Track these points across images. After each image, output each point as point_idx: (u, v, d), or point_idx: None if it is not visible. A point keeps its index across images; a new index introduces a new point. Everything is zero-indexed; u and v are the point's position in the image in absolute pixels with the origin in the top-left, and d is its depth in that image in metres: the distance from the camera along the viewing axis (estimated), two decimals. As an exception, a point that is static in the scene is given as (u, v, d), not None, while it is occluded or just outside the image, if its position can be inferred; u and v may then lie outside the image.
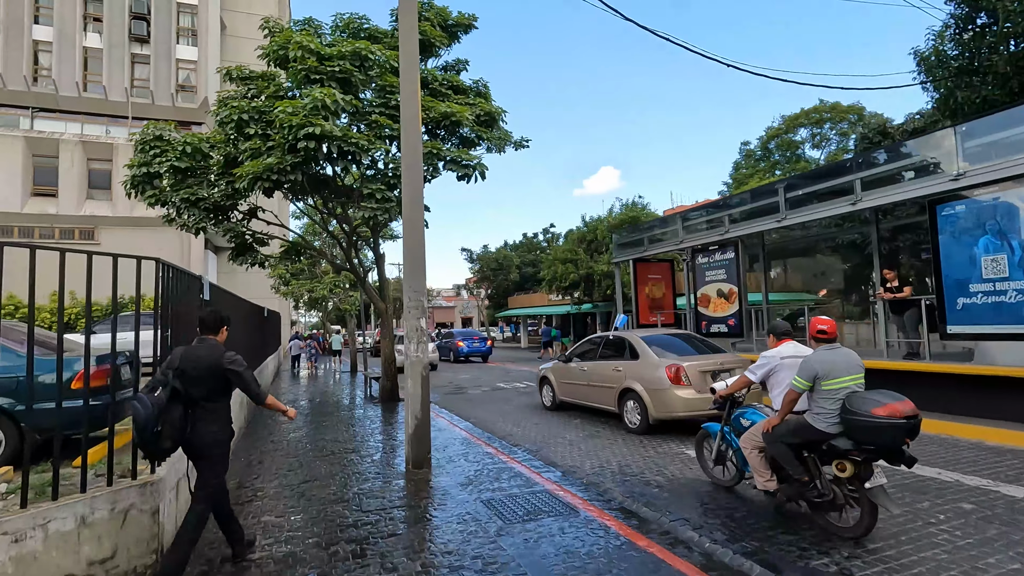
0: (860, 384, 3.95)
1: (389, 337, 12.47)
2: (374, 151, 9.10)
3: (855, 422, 3.71)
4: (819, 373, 3.91)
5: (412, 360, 6.30)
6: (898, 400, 3.67)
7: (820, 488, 4.06)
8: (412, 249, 6.39)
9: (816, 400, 3.98)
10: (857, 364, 4.01)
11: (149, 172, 10.10)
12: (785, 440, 4.13)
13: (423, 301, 6.41)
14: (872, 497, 3.78)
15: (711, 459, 5.33)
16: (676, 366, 7.59)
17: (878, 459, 3.75)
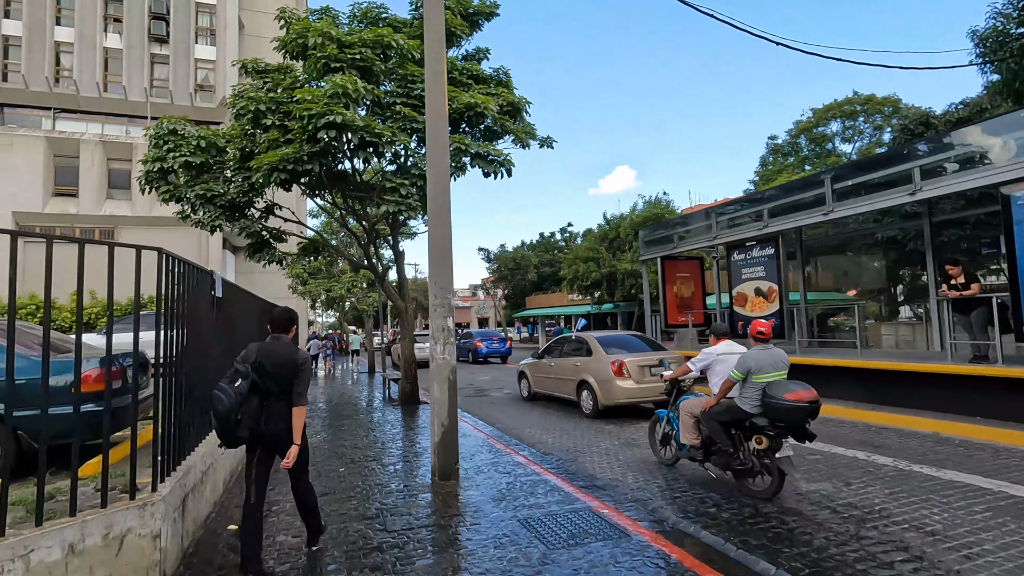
0: (783, 378, 4.85)
1: (409, 337, 12.03)
2: (397, 143, 8.66)
3: (772, 404, 4.68)
4: (752, 368, 4.86)
5: (438, 363, 5.82)
6: (804, 388, 4.64)
7: (742, 459, 5.07)
8: (438, 242, 5.91)
9: (745, 388, 4.96)
10: (783, 362, 4.95)
11: (163, 167, 9.78)
12: (718, 419, 5.17)
13: (450, 299, 5.93)
14: (780, 465, 4.77)
15: (658, 440, 6.30)
16: (619, 361, 8.96)
17: (787, 435, 4.73)
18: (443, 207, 5.94)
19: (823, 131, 28.58)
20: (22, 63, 26.48)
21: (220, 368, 5.79)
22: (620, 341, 9.94)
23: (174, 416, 3.90)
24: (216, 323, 5.49)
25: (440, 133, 5.95)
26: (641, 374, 8.90)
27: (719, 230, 11.98)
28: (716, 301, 15.19)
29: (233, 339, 6.62)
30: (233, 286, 6.60)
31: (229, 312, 6.23)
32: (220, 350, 5.76)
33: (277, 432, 3.52)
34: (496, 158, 9.50)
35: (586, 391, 9.47)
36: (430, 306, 5.94)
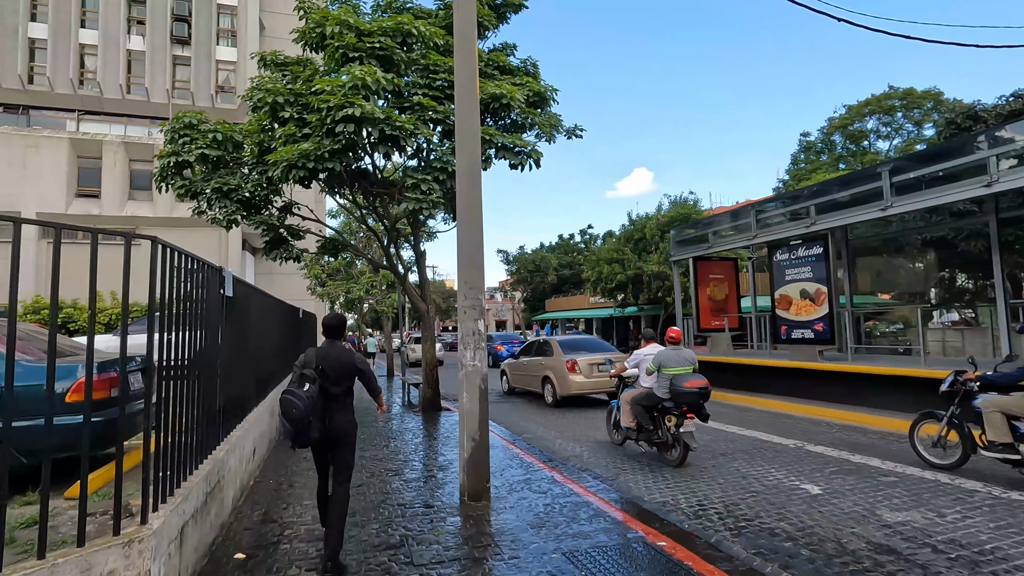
0: (687, 371, 6.35)
1: (430, 340, 11.54)
2: (419, 136, 8.16)
3: (676, 391, 6.21)
4: (662, 363, 6.43)
5: (468, 370, 5.27)
6: (699, 379, 6.20)
7: (660, 435, 6.54)
8: (468, 239, 5.38)
9: (659, 379, 6.48)
10: (688, 359, 6.46)
11: (179, 161, 9.42)
12: (641, 403, 6.68)
13: (481, 300, 5.38)
14: (684, 439, 6.22)
15: (611, 425, 7.71)
16: (573, 360, 11.02)
17: (688, 414, 6.19)
18: (473, 200, 5.41)
19: (860, 127, 27.40)
20: (47, 65, 26.72)
21: (233, 375, 5.34)
22: (578, 343, 12.05)
23: (172, 431, 3.41)
24: (226, 326, 5.02)
25: (471, 119, 5.42)
26: (590, 370, 11.01)
27: (759, 229, 11.27)
28: (751, 304, 14.43)
29: (247, 343, 6.16)
30: (247, 286, 6.15)
31: (242, 314, 5.76)
32: (232, 355, 5.30)
33: (340, 429, 3.83)
34: (523, 149, 8.95)
35: (548, 385, 11.57)
36: (459, 308, 5.40)
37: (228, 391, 5.09)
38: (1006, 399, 5.31)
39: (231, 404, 5.26)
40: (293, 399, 3.52)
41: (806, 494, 5.23)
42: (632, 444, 7.31)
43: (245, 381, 6.00)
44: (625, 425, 7.04)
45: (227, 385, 5.06)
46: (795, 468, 6.16)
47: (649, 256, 20.62)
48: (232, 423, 5.32)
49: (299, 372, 3.71)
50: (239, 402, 5.63)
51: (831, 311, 9.65)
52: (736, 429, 8.48)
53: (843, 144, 28.18)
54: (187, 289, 3.80)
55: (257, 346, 7.07)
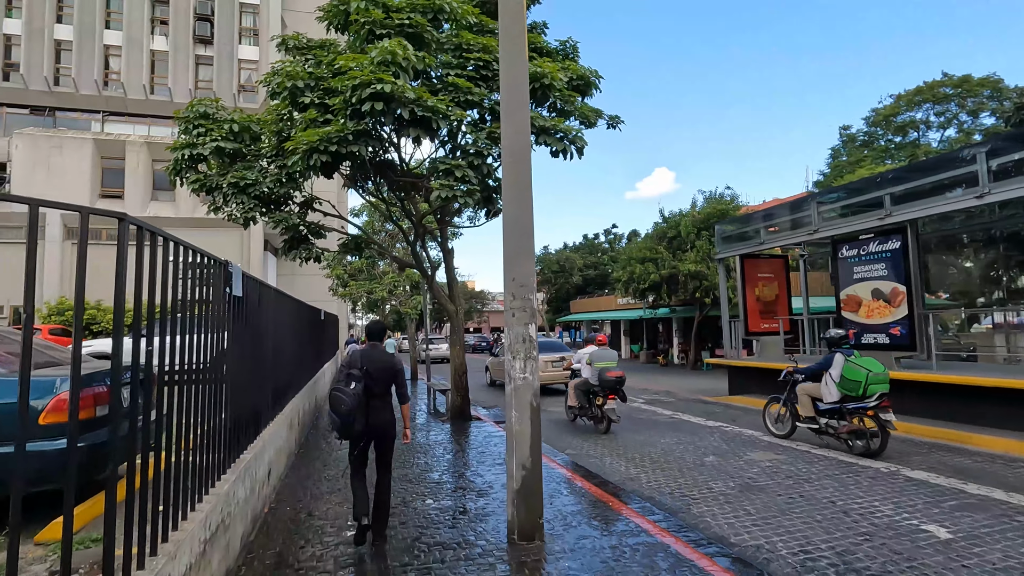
0: (612, 365, 8.84)
1: (459, 344, 10.74)
2: (452, 119, 7.37)
3: (602, 378, 8.64)
4: (594, 358, 8.95)
5: (517, 384, 4.44)
6: (618, 371, 8.70)
7: (593, 411, 9.04)
8: (516, 222, 4.55)
9: (592, 370, 8.91)
10: (612, 356, 9.10)
11: (193, 154, 8.79)
12: (581, 388, 9.20)
13: (532, 300, 4.55)
14: (608, 413, 8.66)
15: (567, 407, 9.97)
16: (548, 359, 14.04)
17: (611, 395, 8.61)
18: (522, 176, 4.57)
19: (911, 117, 25.79)
20: (72, 67, 26.74)
21: (243, 387, 4.60)
22: (543, 345, 14.82)
23: (168, 458, 2.64)
24: (235, 330, 4.27)
25: (518, 78, 4.59)
26: (546, 366, 14.05)
27: (821, 222, 10.21)
28: (803, 305, 13.33)
29: (262, 349, 5.43)
30: (262, 285, 5.41)
31: (256, 316, 5.02)
32: (243, 364, 4.55)
33: (380, 424, 4.18)
34: (565, 134, 8.10)
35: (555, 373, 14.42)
36: (506, 309, 4.57)
37: (237, 406, 4.34)
38: (810, 386, 7.54)
39: (241, 421, 4.51)
40: (342, 396, 3.98)
41: (934, 539, 4.26)
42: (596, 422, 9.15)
43: (259, 392, 5.26)
44: (570, 405, 9.77)
45: (235, 399, 4.31)
46: (904, 501, 5.19)
47: (685, 255, 19.56)
48: (242, 443, 4.57)
49: (346, 372, 4.14)
50: (251, 418, 4.89)
51: (911, 313, 8.57)
52: (807, 447, 7.49)
53: (886, 136, 26.63)
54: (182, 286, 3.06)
55: (275, 352, 6.35)
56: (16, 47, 26.56)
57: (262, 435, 5.32)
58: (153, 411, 2.77)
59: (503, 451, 7.64)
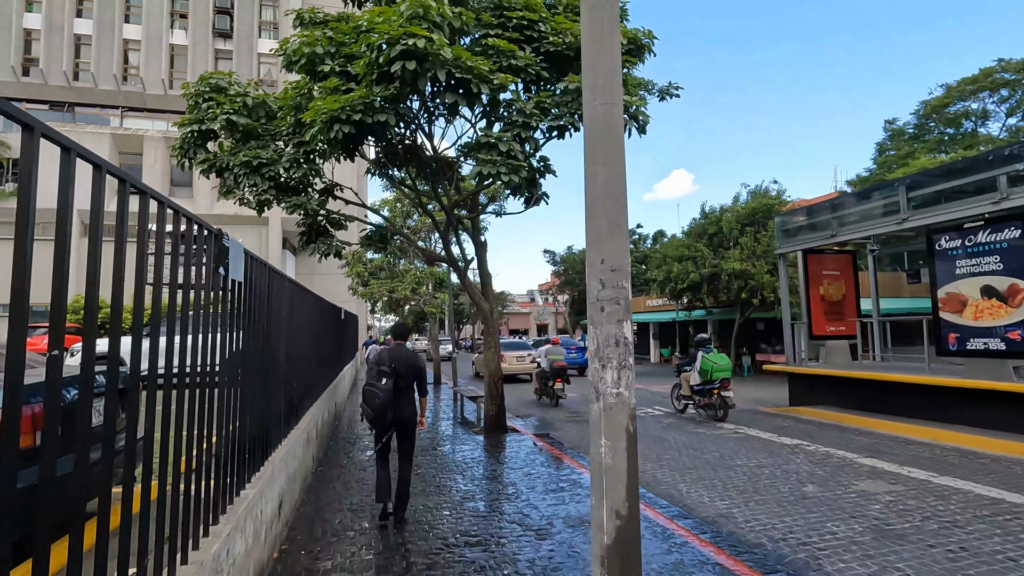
0: (560, 358, 12.84)
1: (494, 346, 9.65)
2: (496, 82, 6.28)
3: (552, 367, 12.77)
4: (546, 353, 13.06)
5: (609, 403, 3.30)
6: (562, 361, 12.79)
7: (550, 391, 13.05)
8: (607, 186, 3.43)
9: (547, 362, 13.00)
10: (560, 352, 12.98)
11: (202, 130, 7.83)
12: (540, 376, 13.68)
13: (627, 288, 3.42)
14: (557, 392, 12.79)
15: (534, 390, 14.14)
16: (502, 355, 14.37)
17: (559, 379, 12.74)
18: (612, 121, 3.44)
19: (965, 107, 24.02)
20: (91, 61, 26.34)
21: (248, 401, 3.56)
22: (510, 345, 19.36)
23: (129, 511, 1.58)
24: (236, 325, 3.23)
25: (610, 5, 3.46)
26: (512, 360, 18.20)
27: (911, 210, 8.89)
28: (872, 306, 11.98)
29: (274, 351, 4.39)
30: (273, 272, 4.37)
31: (263, 310, 3.98)
32: (246, 373, 3.51)
33: (405, 416, 4.72)
34: (626, 108, 6.95)
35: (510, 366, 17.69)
36: (591, 302, 3.44)
37: (237, 428, 3.30)
38: (688, 373, 10.58)
39: (243, 447, 3.46)
40: (375, 390, 4.49)
41: (738, 464, 3.04)
42: None
43: (268, 406, 4.22)
44: (535, 388, 13.87)
45: (236, 417, 3.27)
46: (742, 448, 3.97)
47: (728, 252, 18.22)
48: (244, 476, 3.52)
49: (377, 369, 4.59)
50: (257, 440, 3.84)
51: (1037, 314, 7.24)
52: (948, 479, 6.23)
53: (939, 128, 24.88)
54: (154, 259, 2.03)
55: (290, 354, 5.31)
56: (36, 42, 26.25)
57: (272, 459, 4.27)
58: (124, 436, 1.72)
59: (552, 472, 6.52)
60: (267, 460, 4.16)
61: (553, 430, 9.75)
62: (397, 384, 4.57)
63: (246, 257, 3.53)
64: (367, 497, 5.57)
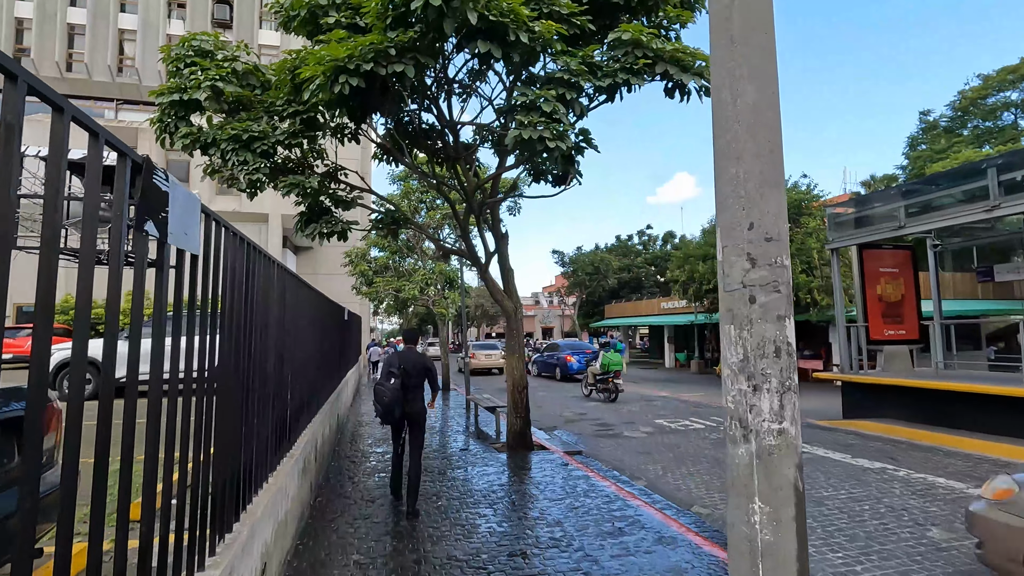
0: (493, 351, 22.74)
1: (519, 351, 8.49)
2: (537, 29, 5.14)
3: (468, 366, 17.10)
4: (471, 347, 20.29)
5: (766, 443, 2.13)
6: (488, 352, 23.73)
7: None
8: (756, 114, 2.28)
9: None
10: (495, 347, 23.92)
11: (184, 100, 6.70)
12: None
13: (788, 266, 2.26)
14: None
15: None
16: (473, 353, 21.26)
17: None
18: (760, 28, 2.29)
19: (1005, 97, 22.73)
20: (85, 52, 25.32)
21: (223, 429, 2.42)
22: (480, 346, 24.50)
23: None
24: (191, 323, 2.09)
25: None
26: (481, 358, 22.97)
27: (1004, 195, 7.71)
28: (934, 308, 10.79)
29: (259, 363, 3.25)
30: (253, 249, 3.22)
31: (237, 297, 2.84)
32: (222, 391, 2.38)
33: (415, 412, 5.15)
34: (689, 64, 5.79)
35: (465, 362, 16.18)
36: (728, 288, 2.28)
37: (201, 475, 2.15)
38: (593, 366, 14.74)
39: (203, 505, 2.31)
40: (384, 390, 4.98)
41: None
42: None
43: (247, 435, 3.07)
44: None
45: (196, 464, 2.12)
46: None
47: (758, 250, 17.04)
48: (204, 548, 2.36)
49: (387, 369, 5.12)
50: (228, 487, 2.68)
51: None
52: None
53: (976, 120, 23.61)
54: None
55: (283, 361, 4.17)
56: (28, 31, 25.24)
57: (253, 508, 3.12)
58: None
59: (602, 505, 5.35)
60: (245, 512, 3.00)
61: (585, 447, 8.58)
62: (405, 383, 5.06)
63: (208, 220, 2.38)
64: (378, 542, 4.41)
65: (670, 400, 14.52)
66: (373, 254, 19.31)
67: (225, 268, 2.65)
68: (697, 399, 14.76)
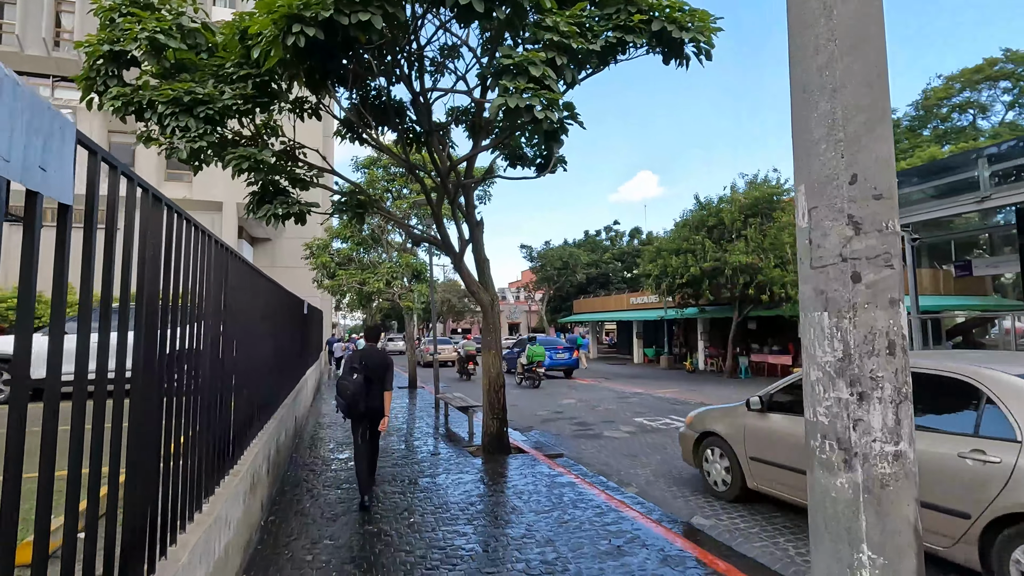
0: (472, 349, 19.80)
1: (496, 347, 7.88)
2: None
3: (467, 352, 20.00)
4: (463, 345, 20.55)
5: (878, 475, 1.58)
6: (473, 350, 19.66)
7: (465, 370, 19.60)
8: (858, 35, 1.71)
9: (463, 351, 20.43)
10: (473, 345, 19.91)
11: (114, 51, 5.78)
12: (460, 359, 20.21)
13: (898, 236, 1.70)
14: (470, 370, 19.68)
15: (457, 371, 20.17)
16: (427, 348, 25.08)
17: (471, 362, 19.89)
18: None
19: (967, 98, 23.28)
20: (16, 23, 23.23)
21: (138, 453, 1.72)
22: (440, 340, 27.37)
23: None
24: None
25: None
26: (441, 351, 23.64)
27: (993, 186, 7.52)
28: (911, 303, 10.70)
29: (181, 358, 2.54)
30: (173, 211, 2.51)
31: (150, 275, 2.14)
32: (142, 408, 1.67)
33: (375, 407, 5.25)
34: (686, 25, 5.26)
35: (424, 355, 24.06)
36: (823, 263, 1.72)
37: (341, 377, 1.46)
38: (520, 359, 17.61)
39: (118, 542, 1.61)
40: (347, 384, 5.13)
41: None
42: None
43: (177, 456, 2.36)
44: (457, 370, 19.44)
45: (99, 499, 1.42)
46: None
47: (731, 245, 16.87)
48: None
49: (349, 366, 5.28)
50: (145, 523, 1.98)
51: None
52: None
53: (935, 121, 24.18)
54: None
55: (227, 361, 3.45)
56: (-51, -3, 22.98)
57: (177, 551, 2.41)
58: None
59: (593, 518, 4.81)
60: (165, 559, 2.29)
61: (565, 449, 8.04)
62: (368, 379, 5.18)
63: (95, 160, 1.69)
64: (341, 573, 3.73)
65: (646, 397, 14.18)
66: (336, 246, 18.32)
67: (129, 234, 1.95)
68: (673, 395, 14.48)
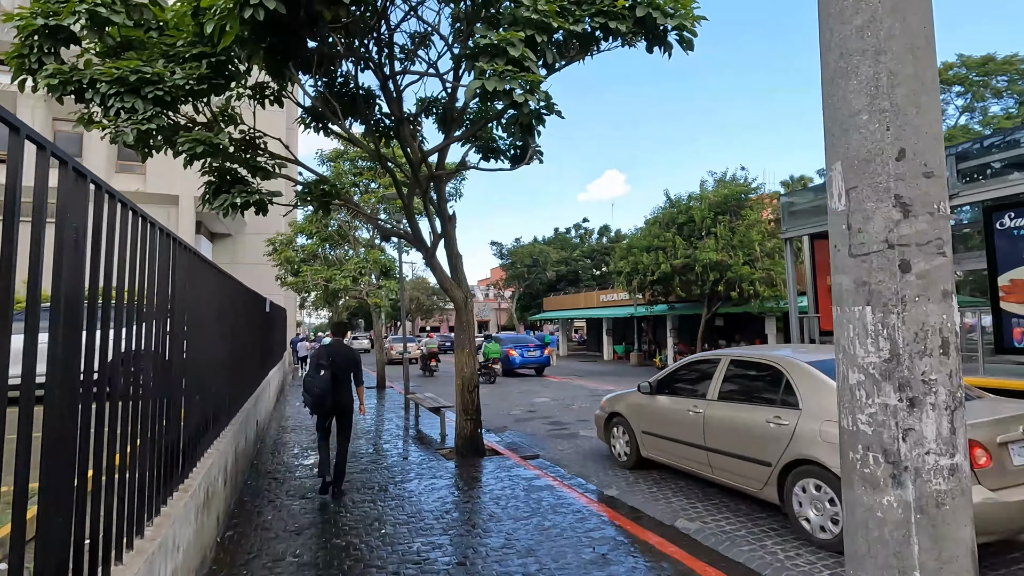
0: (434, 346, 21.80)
1: (470, 346, 7.61)
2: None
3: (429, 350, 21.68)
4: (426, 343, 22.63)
5: (931, 492, 1.38)
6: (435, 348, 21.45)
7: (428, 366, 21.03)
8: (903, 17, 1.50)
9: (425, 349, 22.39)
10: (435, 342, 22.17)
11: (50, 26, 5.26)
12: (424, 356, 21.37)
13: (947, 217, 1.51)
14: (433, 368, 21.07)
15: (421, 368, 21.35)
16: (392, 346, 25.21)
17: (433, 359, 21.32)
18: None
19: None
20: (-50, 0, 21.60)
21: None
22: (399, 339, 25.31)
23: None
24: None
25: None
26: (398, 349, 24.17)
27: (961, 184, 7.66)
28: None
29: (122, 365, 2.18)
30: (110, 196, 2.15)
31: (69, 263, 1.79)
32: None
33: (343, 403, 5.37)
34: (673, 12, 5.08)
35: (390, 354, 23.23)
36: (865, 250, 1.53)
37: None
38: (479, 354, 15.25)
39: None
40: (315, 381, 5.18)
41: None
42: None
43: (111, 474, 2.02)
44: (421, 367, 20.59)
45: None
46: None
47: (703, 243, 16.99)
48: None
49: (316, 362, 5.29)
50: (67, 558, 1.64)
51: None
52: None
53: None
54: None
55: (183, 360, 3.08)
56: None
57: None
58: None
59: (576, 524, 4.60)
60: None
61: (541, 450, 7.84)
62: (336, 375, 5.23)
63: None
64: None
65: (618, 394, 14.12)
66: (300, 242, 17.68)
67: (39, 215, 1.61)
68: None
